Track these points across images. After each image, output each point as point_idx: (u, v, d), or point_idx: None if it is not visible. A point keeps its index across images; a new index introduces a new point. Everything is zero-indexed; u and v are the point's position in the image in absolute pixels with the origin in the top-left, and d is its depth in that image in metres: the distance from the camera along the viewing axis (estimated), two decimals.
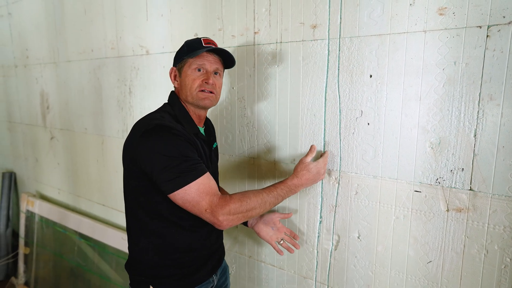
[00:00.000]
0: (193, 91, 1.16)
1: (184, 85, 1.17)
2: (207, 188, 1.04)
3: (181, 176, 1.02)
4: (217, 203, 1.04)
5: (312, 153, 1.27)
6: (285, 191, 1.16)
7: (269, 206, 1.13)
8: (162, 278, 1.17)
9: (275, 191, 1.14)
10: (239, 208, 1.06)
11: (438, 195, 1.09)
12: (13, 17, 2.84)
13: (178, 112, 1.17)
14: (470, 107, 1.01)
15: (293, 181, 1.19)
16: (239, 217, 1.07)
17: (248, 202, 1.07)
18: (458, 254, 1.08)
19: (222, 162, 1.64)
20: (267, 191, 1.13)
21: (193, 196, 1.03)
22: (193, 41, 1.19)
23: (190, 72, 1.16)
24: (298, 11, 1.29)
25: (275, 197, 1.13)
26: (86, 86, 2.31)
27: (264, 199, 1.11)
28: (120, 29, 2.00)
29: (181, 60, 1.18)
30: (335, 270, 1.36)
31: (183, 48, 1.19)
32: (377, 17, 1.12)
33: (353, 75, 1.20)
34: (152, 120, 1.10)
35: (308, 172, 1.20)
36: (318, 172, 1.23)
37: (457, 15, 0.99)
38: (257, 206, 1.09)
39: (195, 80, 1.15)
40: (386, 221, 1.21)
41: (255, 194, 1.11)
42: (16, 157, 3.24)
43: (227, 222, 1.05)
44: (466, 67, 1.00)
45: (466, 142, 1.03)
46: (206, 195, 1.03)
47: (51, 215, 2.69)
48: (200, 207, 1.04)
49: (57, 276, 2.66)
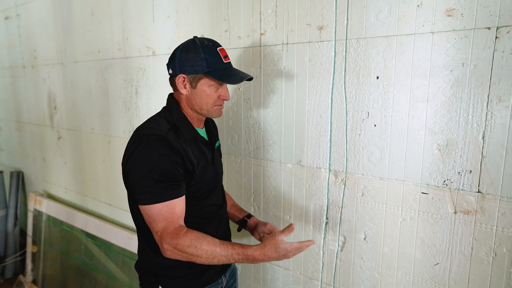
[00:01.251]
0: (210, 106, 1.14)
1: (199, 99, 1.13)
2: (169, 214, 1.05)
3: (151, 194, 1.03)
4: (170, 231, 1.04)
5: (289, 232, 1.13)
6: (241, 257, 1.09)
7: (217, 262, 1.08)
8: (171, 278, 1.18)
9: (231, 251, 1.08)
10: (186, 249, 1.04)
11: (446, 197, 1.09)
12: (21, 19, 2.87)
13: (176, 118, 1.15)
14: (478, 109, 1.00)
15: (255, 252, 1.09)
16: (182, 255, 1.06)
17: (197, 247, 1.05)
18: (466, 256, 1.08)
19: (228, 163, 1.65)
20: (223, 247, 1.08)
21: (152, 215, 1.05)
22: (211, 54, 1.10)
23: (208, 88, 1.12)
24: (304, 13, 1.29)
25: (227, 257, 1.08)
26: (93, 86, 2.32)
27: (215, 253, 1.06)
28: (127, 30, 2.01)
29: (196, 73, 1.10)
30: (341, 271, 1.35)
31: (199, 59, 1.09)
32: (384, 19, 1.12)
33: (359, 76, 1.20)
34: (147, 130, 1.08)
35: (275, 252, 1.09)
36: (286, 255, 1.11)
37: (465, 16, 0.99)
38: (204, 256, 1.05)
39: (213, 96, 1.13)
40: (393, 223, 1.20)
41: (209, 243, 1.06)
42: (24, 156, 3.28)
43: (169, 252, 1.05)
44: (474, 69, 0.99)
45: (474, 144, 1.02)
46: (164, 220, 1.04)
47: (58, 214, 2.72)
48: (154, 227, 1.06)
49: (64, 275, 2.68)
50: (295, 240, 1.47)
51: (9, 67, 3.16)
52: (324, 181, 1.34)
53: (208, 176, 1.17)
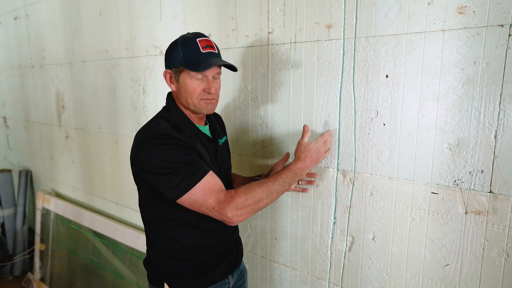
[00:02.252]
0: (194, 99, 1.12)
1: (184, 92, 1.12)
2: (212, 186, 1.04)
3: (184, 181, 1.03)
4: (223, 199, 1.03)
5: (307, 133, 1.22)
6: (290, 176, 1.14)
7: (276, 194, 1.10)
8: (177, 276, 1.19)
9: (280, 178, 1.12)
10: (246, 202, 1.04)
11: (456, 197, 1.07)
12: (30, 19, 2.90)
13: (174, 116, 1.15)
14: (490, 108, 0.99)
15: (296, 165, 1.16)
16: (247, 210, 1.05)
17: (254, 194, 1.05)
18: (477, 257, 1.06)
19: (235, 162, 1.64)
20: (272, 180, 1.10)
21: (199, 196, 1.03)
22: (189, 44, 1.09)
23: (190, 80, 1.10)
24: (312, 11, 1.28)
25: (281, 185, 1.11)
26: (100, 86, 2.34)
27: (270, 188, 1.08)
28: (134, 30, 2.02)
29: (177, 66, 1.10)
30: (349, 272, 1.34)
31: (177, 51, 1.09)
32: (393, 17, 1.11)
33: (368, 75, 1.19)
34: (148, 130, 1.09)
35: (309, 153, 1.17)
36: (319, 151, 1.19)
37: (477, 13, 0.97)
38: (263, 197, 1.07)
39: (196, 89, 1.11)
40: (402, 223, 1.19)
41: (260, 185, 1.08)
42: (32, 155, 3.31)
43: (236, 217, 1.04)
44: (486, 67, 0.98)
45: (486, 143, 1.00)
46: (212, 193, 1.04)
47: (66, 213, 2.74)
48: (208, 206, 1.04)
49: (71, 273, 2.70)
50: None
51: (18, 67, 3.20)
52: (332, 180, 1.33)
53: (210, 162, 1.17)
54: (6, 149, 3.74)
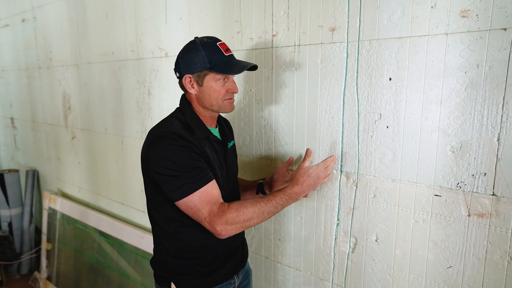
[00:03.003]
0: (220, 101, 1.16)
1: (208, 95, 1.16)
2: (209, 197, 1.07)
3: (185, 186, 1.05)
4: (216, 212, 1.06)
5: (309, 157, 1.24)
6: (285, 199, 1.14)
7: (268, 215, 1.11)
8: (183, 275, 1.21)
9: (274, 200, 1.12)
10: (236, 218, 1.06)
11: (459, 200, 1.08)
12: (37, 21, 2.94)
13: (188, 117, 1.18)
14: (493, 111, 0.99)
15: (293, 188, 1.16)
16: (236, 227, 1.07)
17: (245, 212, 1.07)
18: (480, 260, 1.07)
19: (239, 164, 1.66)
20: (266, 200, 1.11)
21: (195, 204, 1.06)
22: (211, 48, 1.13)
23: (215, 83, 1.14)
24: (316, 14, 1.29)
25: (274, 207, 1.12)
26: (106, 87, 2.36)
27: (262, 208, 1.09)
28: (140, 32, 2.04)
29: (200, 70, 1.13)
30: (352, 273, 1.35)
31: (200, 57, 1.11)
32: (397, 20, 1.11)
33: (372, 78, 1.19)
34: (161, 128, 1.12)
35: (308, 178, 1.17)
36: (318, 176, 1.20)
37: (480, 17, 0.98)
38: (254, 216, 1.08)
39: (221, 91, 1.15)
40: (405, 225, 1.20)
41: (252, 203, 1.09)
42: (39, 155, 3.35)
43: (225, 232, 1.06)
44: (489, 70, 0.98)
45: (489, 146, 1.01)
46: (207, 204, 1.06)
47: (72, 213, 2.77)
48: (201, 215, 1.07)
49: (77, 272, 2.73)
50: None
51: (26, 68, 3.24)
52: (336, 182, 1.34)
53: (219, 174, 1.19)
54: (13, 149, 3.79)
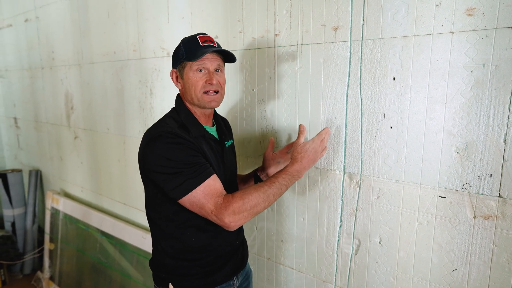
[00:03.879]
0: (198, 93, 1.15)
1: (188, 87, 1.17)
2: (212, 190, 1.06)
3: (186, 182, 1.04)
4: (221, 204, 1.04)
5: (303, 133, 1.21)
6: (287, 179, 1.13)
7: (274, 198, 1.10)
8: (181, 276, 1.20)
9: (277, 181, 1.11)
10: (243, 206, 1.04)
11: (465, 201, 1.06)
12: (40, 21, 2.94)
13: (183, 116, 1.18)
14: (499, 111, 0.97)
15: (293, 166, 1.15)
16: (245, 215, 1.05)
17: (251, 198, 1.05)
18: (486, 263, 1.05)
19: (241, 164, 1.65)
20: (269, 183, 1.10)
21: (199, 199, 1.05)
22: (190, 40, 1.16)
23: (192, 74, 1.15)
24: (319, 13, 1.28)
25: (278, 188, 1.10)
26: (108, 87, 2.36)
27: (267, 192, 1.08)
28: (142, 32, 2.03)
29: (180, 62, 1.16)
30: (355, 275, 1.34)
31: (180, 49, 1.16)
32: (401, 19, 1.10)
33: (375, 77, 1.18)
34: (156, 129, 1.12)
35: (306, 153, 1.16)
36: (316, 150, 1.18)
37: (487, 15, 0.96)
38: (260, 201, 1.06)
39: (198, 82, 1.14)
40: (409, 227, 1.18)
41: (256, 189, 1.08)
42: (42, 155, 3.36)
43: (234, 223, 1.04)
44: (496, 70, 0.96)
45: (495, 147, 0.99)
46: (212, 197, 1.05)
47: (74, 213, 2.77)
48: (207, 209, 1.05)
49: (80, 272, 2.74)
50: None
51: (29, 68, 3.24)
52: (339, 183, 1.33)
53: (217, 172, 1.17)
54: (17, 149, 3.80)
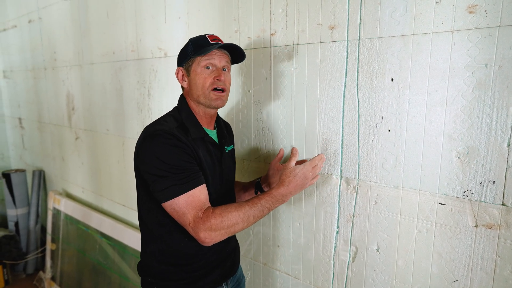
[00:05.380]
0: (206, 90, 1.13)
1: (195, 84, 1.15)
2: (196, 201, 1.03)
3: (172, 187, 1.01)
4: (200, 218, 1.01)
5: (295, 157, 1.15)
6: (271, 202, 1.08)
7: (253, 219, 1.06)
8: (168, 281, 1.17)
9: (259, 203, 1.06)
10: (220, 224, 1.01)
11: (466, 209, 1.00)
12: (43, 22, 2.95)
13: (184, 116, 1.15)
14: (503, 114, 0.91)
15: (279, 190, 1.09)
16: (221, 233, 1.02)
17: (230, 217, 1.02)
18: (488, 274, 0.99)
19: (237, 167, 1.61)
20: (251, 204, 1.06)
21: (180, 207, 1.02)
22: (199, 39, 1.15)
23: (200, 70, 1.13)
24: (315, 12, 1.23)
25: (259, 210, 1.06)
26: (108, 88, 2.35)
27: (247, 213, 1.04)
28: (140, 32, 2.01)
29: (188, 59, 1.15)
30: (352, 283, 1.29)
31: (188, 47, 1.15)
32: (399, 17, 1.05)
33: (373, 78, 1.13)
34: (155, 126, 1.10)
35: (295, 178, 1.10)
36: (305, 176, 1.12)
37: (489, 13, 0.90)
38: (239, 221, 1.03)
39: (206, 79, 1.13)
40: (408, 235, 1.13)
41: (237, 208, 1.04)
42: (45, 156, 3.37)
43: (209, 239, 1.02)
44: (499, 70, 0.91)
45: (498, 152, 0.93)
46: (193, 209, 1.02)
47: (75, 213, 2.77)
48: (185, 220, 1.03)
49: (80, 272, 2.73)
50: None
51: (32, 69, 3.26)
52: (335, 188, 1.28)
53: (211, 178, 1.15)
54: (21, 149, 3.82)
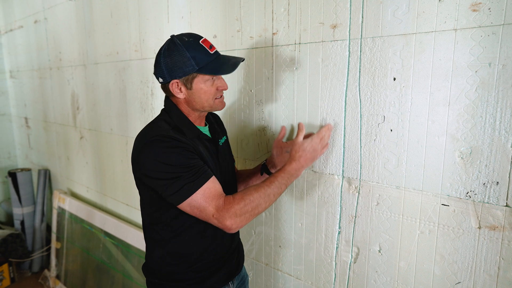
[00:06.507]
0: (211, 101, 1.13)
1: (198, 97, 1.11)
2: (213, 192, 1.03)
3: (186, 186, 1.01)
4: (223, 206, 1.01)
5: (302, 131, 1.19)
6: (286, 177, 1.11)
7: (274, 197, 1.08)
8: (175, 282, 1.17)
9: (276, 181, 1.09)
10: (244, 208, 1.02)
11: (469, 210, 0.99)
12: (48, 22, 2.97)
13: (176, 118, 1.13)
14: (507, 114, 0.90)
15: (291, 165, 1.13)
16: (246, 217, 1.03)
17: (252, 199, 1.03)
18: (492, 276, 0.98)
19: (240, 166, 1.61)
20: (268, 183, 1.08)
21: (200, 203, 1.01)
22: (196, 49, 1.06)
23: (204, 85, 1.09)
24: (317, 11, 1.22)
25: (277, 187, 1.08)
26: (112, 87, 2.36)
27: (267, 192, 1.06)
28: (143, 32, 2.01)
29: (188, 74, 1.07)
30: (354, 284, 1.28)
31: (185, 59, 1.05)
32: (402, 15, 1.04)
33: (375, 78, 1.12)
34: (150, 132, 1.08)
35: (304, 152, 1.14)
36: (314, 149, 1.16)
37: (493, 11, 0.89)
38: (261, 201, 1.04)
39: (211, 90, 1.11)
40: (410, 236, 1.12)
41: (256, 189, 1.06)
42: (51, 155, 3.40)
43: (235, 225, 1.01)
44: (503, 69, 0.89)
45: (502, 152, 0.92)
46: (212, 200, 1.02)
47: (79, 213, 2.79)
48: (208, 213, 1.02)
49: (84, 271, 2.75)
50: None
51: (38, 69, 3.29)
52: (337, 188, 1.27)
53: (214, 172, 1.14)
54: (27, 148, 3.86)
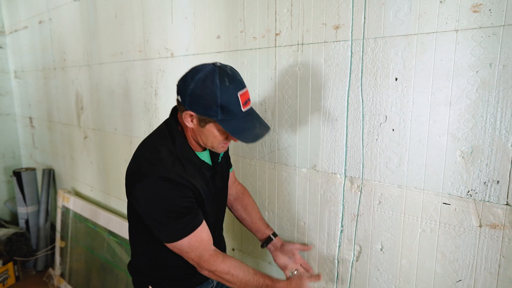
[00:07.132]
0: (215, 145, 1.08)
1: (205, 137, 1.06)
2: (199, 242, 1.08)
3: (174, 232, 1.06)
4: (206, 259, 1.10)
5: (316, 280, 1.27)
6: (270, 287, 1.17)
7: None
8: (160, 279, 1.21)
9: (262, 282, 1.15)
10: (224, 275, 1.11)
11: (470, 209, 1.00)
12: (53, 22, 3.00)
13: (179, 150, 1.08)
14: (507, 114, 0.91)
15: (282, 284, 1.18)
16: (219, 278, 1.13)
17: (235, 276, 1.12)
18: (493, 274, 0.99)
19: (243, 166, 1.62)
20: (256, 277, 1.15)
21: (183, 247, 1.08)
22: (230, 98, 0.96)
23: (217, 133, 1.03)
24: (320, 12, 1.24)
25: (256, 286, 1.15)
26: (116, 87, 2.38)
27: (248, 282, 1.13)
28: (147, 32, 2.03)
29: (208, 115, 0.98)
30: (356, 283, 1.29)
31: (214, 101, 0.95)
32: (403, 16, 1.05)
33: (377, 78, 1.13)
34: (150, 163, 1.04)
35: None
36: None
37: (494, 12, 0.90)
38: (238, 283, 1.13)
39: (220, 137, 1.05)
40: (411, 234, 1.13)
41: (245, 273, 1.13)
42: (55, 155, 3.43)
43: (207, 274, 1.13)
44: (503, 70, 0.90)
45: (502, 152, 0.93)
46: (196, 250, 1.08)
47: (83, 212, 2.81)
48: (189, 256, 1.10)
49: (88, 270, 2.77)
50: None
51: (42, 69, 3.32)
52: (340, 187, 1.29)
53: (211, 203, 1.18)
54: (32, 148, 3.89)
